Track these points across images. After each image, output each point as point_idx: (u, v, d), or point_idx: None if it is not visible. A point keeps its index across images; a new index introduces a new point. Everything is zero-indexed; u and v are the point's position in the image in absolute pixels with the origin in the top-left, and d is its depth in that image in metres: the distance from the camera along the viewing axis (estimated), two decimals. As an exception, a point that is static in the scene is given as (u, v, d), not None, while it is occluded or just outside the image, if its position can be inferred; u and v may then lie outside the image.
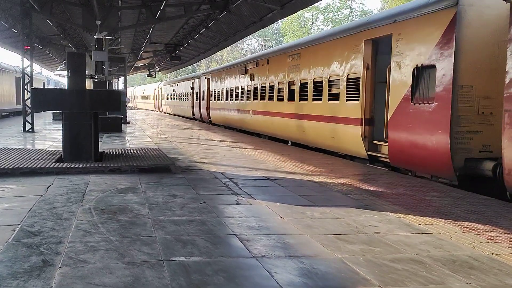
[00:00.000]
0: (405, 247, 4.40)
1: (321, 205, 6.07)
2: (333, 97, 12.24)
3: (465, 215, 5.77)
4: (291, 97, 15.13)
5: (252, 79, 19.31)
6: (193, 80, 33.46)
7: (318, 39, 13.74)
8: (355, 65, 11.14)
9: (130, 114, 33.41)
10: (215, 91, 26.64)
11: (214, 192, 6.81)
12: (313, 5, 48.45)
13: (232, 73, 22.93)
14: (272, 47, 60.90)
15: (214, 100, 26.82)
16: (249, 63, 20.26)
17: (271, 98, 17.07)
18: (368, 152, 10.63)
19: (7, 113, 30.08)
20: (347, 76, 11.44)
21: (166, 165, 8.67)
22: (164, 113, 47.94)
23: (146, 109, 61.58)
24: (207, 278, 3.46)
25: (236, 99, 21.91)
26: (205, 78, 29.62)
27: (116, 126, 18.08)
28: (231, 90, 22.97)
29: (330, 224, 5.16)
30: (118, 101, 9.24)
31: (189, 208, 5.68)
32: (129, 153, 10.19)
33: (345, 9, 61.39)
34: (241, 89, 21.12)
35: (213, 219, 5.18)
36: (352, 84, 11.25)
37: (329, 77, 12.44)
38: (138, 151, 10.46)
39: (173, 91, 42.70)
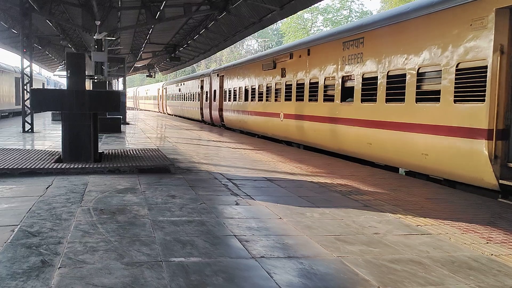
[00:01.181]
0: (404, 247, 4.40)
1: (321, 206, 6.07)
2: (428, 96, 8.72)
3: (464, 216, 5.77)
4: (346, 96, 11.70)
5: (283, 75, 15.79)
6: (202, 79, 30.02)
7: (399, 15, 9.86)
8: (475, 48, 7.61)
9: (130, 115, 33.16)
10: (230, 91, 22.98)
11: (213, 192, 6.81)
12: (312, 6, 48.49)
13: (253, 69, 19.39)
14: (272, 47, 60.89)
15: (229, 100, 23.12)
16: (279, 56, 16.49)
17: (313, 98, 13.48)
18: (501, 181, 7.17)
19: (7, 114, 30.07)
20: (457, 65, 7.97)
21: (165, 166, 8.66)
22: (169, 114, 44.87)
23: (149, 111, 58.05)
24: (206, 279, 3.46)
25: (260, 100, 18.35)
26: (217, 75, 25.74)
27: (115, 126, 18.07)
28: (252, 89, 19.28)
29: (329, 224, 5.15)
30: (117, 102, 9.24)
31: (188, 208, 5.68)
32: (129, 153, 10.19)
33: (345, 10, 61.41)
34: (267, 87, 17.51)
35: (212, 220, 5.18)
36: (469, 77, 7.77)
37: (419, 68, 8.96)
38: (137, 152, 10.46)
39: (179, 91, 39.18)
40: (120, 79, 34.95)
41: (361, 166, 10.64)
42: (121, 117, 19.96)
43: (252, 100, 19.31)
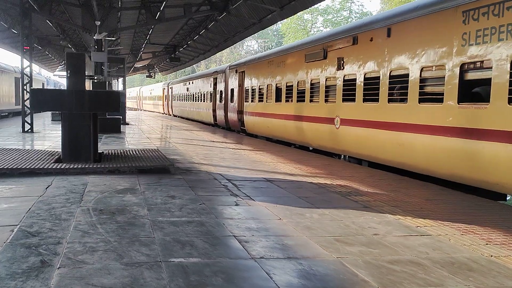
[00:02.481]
0: (403, 249, 4.40)
1: (320, 207, 6.07)
2: None
3: (464, 217, 5.77)
4: (465, 96, 7.88)
5: (340, 67, 11.85)
6: (216, 76, 26.12)
7: None
8: None
9: (131, 115, 32.95)
10: (253, 89, 18.85)
11: (213, 193, 6.81)
12: (312, 7, 48.53)
13: (290, 61, 15.35)
14: (271, 48, 60.83)
15: (252, 101, 18.91)
16: (333, 41, 12.35)
17: (399, 98, 9.62)
18: None
19: (6, 114, 30.07)
20: None
21: (165, 166, 8.66)
22: (175, 116, 41.11)
23: (153, 112, 53.88)
24: (206, 279, 3.46)
25: (300, 100, 14.26)
26: (236, 72, 21.66)
27: (115, 127, 18.07)
28: (288, 87, 15.17)
29: (328, 225, 5.15)
30: (117, 102, 9.24)
31: (188, 209, 5.68)
32: (128, 154, 10.18)
33: (345, 11, 61.50)
34: (312, 84, 13.52)
35: (212, 220, 5.18)
36: None
37: None
38: (137, 152, 10.46)
39: (187, 90, 34.83)
40: (120, 80, 34.93)
41: (361, 167, 10.64)
42: (121, 117, 19.97)
43: (287, 101, 15.17)
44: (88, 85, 19.37)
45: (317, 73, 13.17)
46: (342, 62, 11.79)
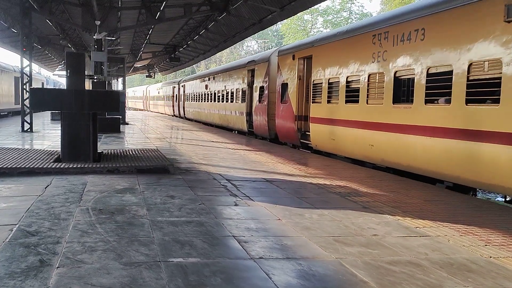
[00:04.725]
0: (403, 249, 4.40)
1: (319, 207, 6.07)
2: None
3: (463, 218, 5.78)
4: None
5: None
6: (252, 67, 19.45)
7: None
8: None
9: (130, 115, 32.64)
10: (331, 83, 12.36)
11: (212, 193, 6.81)
12: (312, 7, 48.54)
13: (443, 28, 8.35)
14: (272, 48, 60.62)
15: (329, 102, 12.45)
16: None
17: None
18: None
19: (6, 113, 30.05)
20: None
21: (164, 166, 8.66)
22: (188, 119, 35.42)
23: (162, 113, 47.97)
24: (205, 280, 3.45)
25: (471, 102, 7.58)
26: (293, 58, 14.88)
27: (114, 126, 18.06)
28: (438, 76, 8.45)
29: (328, 226, 5.15)
30: (117, 102, 9.24)
31: (187, 209, 5.68)
32: (128, 153, 10.18)
33: (345, 11, 61.52)
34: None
35: (211, 220, 5.18)
36: None
37: None
38: (136, 152, 10.46)
39: (206, 88, 28.71)
40: (120, 79, 34.91)
41: (360, 167, 10.64)
42: (120, 117, 19.96)
43: (437, 102, 8.47)
44: (88, 85, 19.37)
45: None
46: None
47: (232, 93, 22.66)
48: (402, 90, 9.54)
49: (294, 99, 14.76)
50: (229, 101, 23.07)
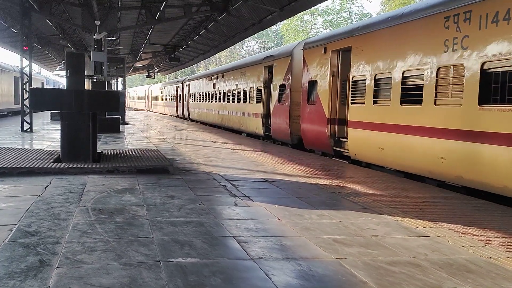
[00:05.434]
0: (402, 250, 4.40)
1: (319, 208, 6.07)
2: None
3: (463, 219, 5.78)
4: None
5: None
6: (271, 63, 17.17)
7: None
8: None
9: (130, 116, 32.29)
10: (379, 83, 10.30)
11: (212, 193, 6.81)
12: (312, 8, 48.56)
13: None
14: (272, 49, 60.66)
15: (373, 102, 10.41)
16: None
17: None
18: None
19: (6, 113, 30.05)
20: None
21: (164, 166, 8.66)
22: (193, 120, 33.38)
23: (165, 114, 46.07)
24: (204, 280, 3.45)
25: None
26: (324, 51, 12.72)
27: (114, 126, 18.06)
28: None
29: (327, 226, 5.15)
30: (116, 102, 9.24)
31: (187, 209, 5.68)
32: (127, 153, 10.18)
33: (345, 12, 61.55)
34: None
35: (211, 221, 5.18)
36: None
37: None
38: (136, 152, 10.45)
39: (213, 87, 26.32)
40: (120, 79, 34.90)
41: (360, 168, 10.62)
42: (120, 117, 19.96)
43: None
44: (88, 85, 19.37)
45: None
46: None
47: (245, 92, 20.51)
48: (494, 87, 7.30)
49: (326, 99, 12.54)
50: (241, 101, 21.00)
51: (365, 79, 10.64)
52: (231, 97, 22.81)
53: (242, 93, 20.87)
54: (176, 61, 31.31)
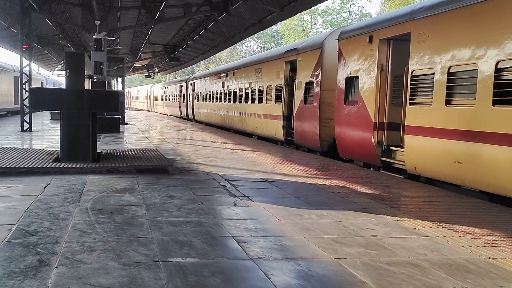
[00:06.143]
0: (402, 250, 4.41)
1: (319, 208, 6.07)
2: None
3: (462, 219, 5.78)
4: None
5: None
6: (294, 58, 15.25)
7: None
8: None
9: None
10: (455, 77, 7.99)
11: (211, 193, 6.81)
12: (312, 8, 48.54)
13: None
14: (271, 49, 60.65)
15: (452, 101, 8.01)
16: None
17: None
18: None
19: (5, 113, 30.04)
20: None
21: (163, 166, 8.66)
22: (197, 121, 31.70)
23: (168, 114, 44.07)
24: (204, 280, 3.45)
25: None
26: (369, 40, 10.46)
27: (114, 126, 18.06)
28: None
29: (327, 226, 5.15)
30: (116, 102, 9.24)
31: (187, 209, 5.68)
32: (127, 153, 10.18)
33: (344, 12, 61.57)
34: None
35: (210, 221, 5.18)
36: None
37: None
38: (135, 152, 10.45)
39: (222, 86, 24.27)
40: (119, 79, 34.90)
41: (360, 168, 10.64)
42: (120, 117, 19.95)
43: None
44: (87, 85, 19.36)
45: None
46: None
47: (260, 91, 18.30)
48: None
49: (372, 98, 10.31)
50: (256, 101, 18.76)
51: (432, 73, 8.40)
52: (243, 97, 20.60)
53: (257, 92, 18.73)
54: (175, 61, 31.31)
